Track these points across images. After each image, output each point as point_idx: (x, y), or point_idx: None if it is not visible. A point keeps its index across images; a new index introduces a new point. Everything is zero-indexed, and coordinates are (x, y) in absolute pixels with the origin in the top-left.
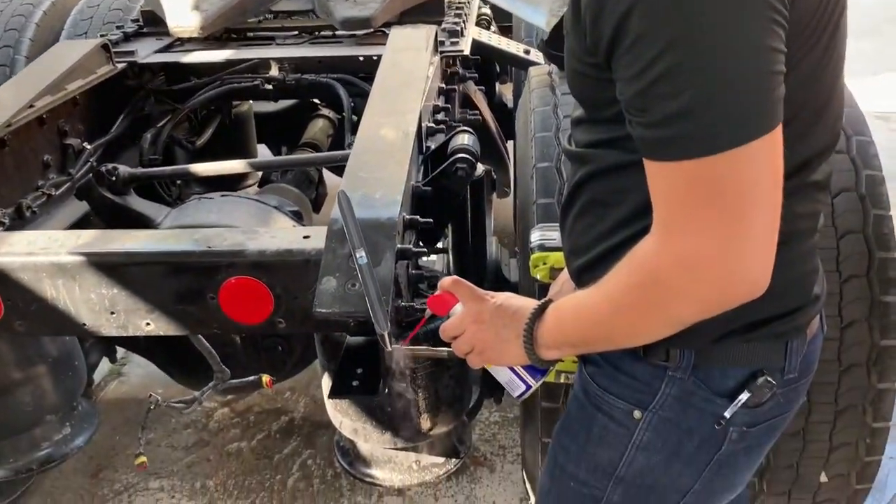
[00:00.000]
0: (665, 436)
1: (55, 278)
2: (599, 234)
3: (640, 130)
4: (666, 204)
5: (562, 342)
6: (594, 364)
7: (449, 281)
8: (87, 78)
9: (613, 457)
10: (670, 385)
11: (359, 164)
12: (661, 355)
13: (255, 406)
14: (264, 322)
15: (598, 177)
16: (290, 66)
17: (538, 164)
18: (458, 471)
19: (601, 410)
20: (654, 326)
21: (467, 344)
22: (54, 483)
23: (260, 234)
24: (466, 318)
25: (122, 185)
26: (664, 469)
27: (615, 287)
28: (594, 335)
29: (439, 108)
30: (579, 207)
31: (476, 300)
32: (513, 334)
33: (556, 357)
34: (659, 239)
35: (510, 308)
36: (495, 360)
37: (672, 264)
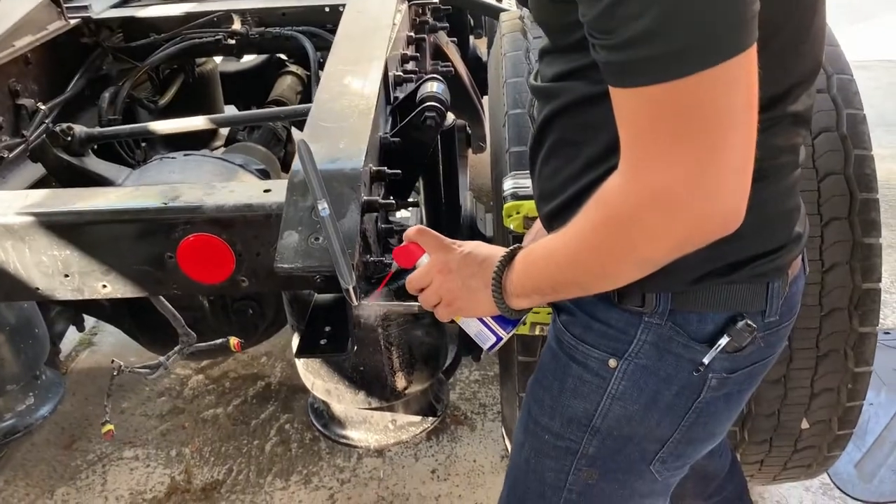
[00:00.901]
0: (642, 384)
1: (3, 240)
2: (569, 176)
3: (604, 55)
4: (632, 135)
5: (531, 289)
6: (567, 313)
7: (413, 230)
8: (37, 34)
9: (589, 408)
10: (646, 332)
11: (321, 114)
12: (636, 300)
13: (231, 372)
14: (226, 281)
15: (565, 113)
16: (253, 20)
17: (510, 111)
18: (438, 430)
19: (575, 360)
20: (625, 268)
21: (434, 295)
22: (26, 455)
23: (218, 189)
24: (433, 269)
25: (79, 145)
26: (641, 419)
27: (582, 227)
28: (563, 280)
29: (408, 57)
30: (547, 148)
31: (442, 249)
32: (481, 283)
33: (526, 306)
34: (626, 173)
35: (478, 256)
36: (464, 311)
37: (640, 199)
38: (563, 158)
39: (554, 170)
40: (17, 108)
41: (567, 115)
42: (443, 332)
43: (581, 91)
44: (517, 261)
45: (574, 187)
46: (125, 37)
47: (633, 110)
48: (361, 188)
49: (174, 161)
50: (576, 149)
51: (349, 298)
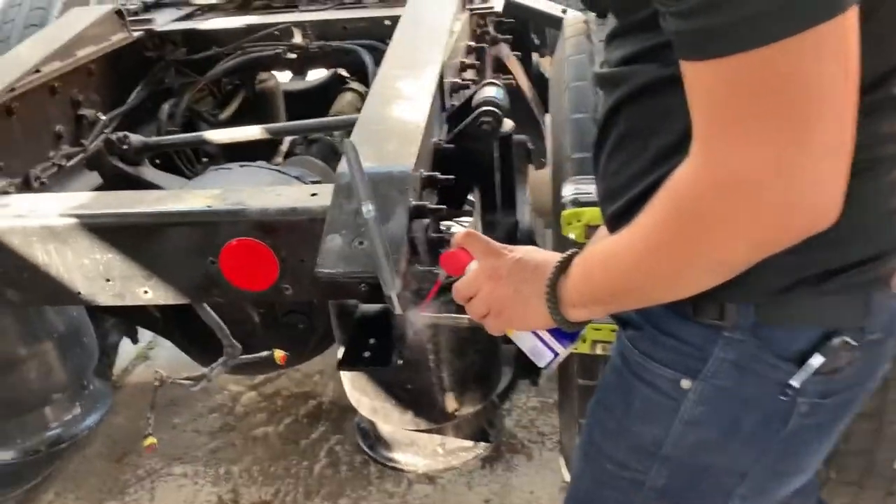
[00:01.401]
0: (719, 409)
1: (46, 243)
2: (637, 171)
3: (675, 23)
4: (706, 115)
5: (590, 298)
6: (633, 326)
7: (461, 234)
8: (99, 45)
9: (658, 434)
10: (726, 349)
11: (371, 117)
12: (714, 313)
13: (283, 390)
14: (269, 289)
15: (634, 100)
16: (313, 33)
17: (572, 116)
18: (492, 458)
19: (643, 380)
20: (697, 272)
21: (483, 304)
22: (77, 467)
23: (263, 193)
24: (481, 275)
25: (135, 154)
26: (719, 447)
27: (647, 225)
28: (626, 287)
29: (466, 65)
30: (613, 142)
31: (491, 254)
32: (534, 291)
33: (584, 318)
34: (698, 159)
35: (531, 262)
36: (515, 322)
37: (714, 189)
38: (631, 152)
39: (620, 165)
40: (78, 118)
41: (636, 103)
42: (497, 352)
43: (652, 74)
44: (574, 266)
45: (642, 183)
46: (188, 50)
47: (708, 86)
48: (410, 192)
49: (229, 172)
50: (645, 140)
51: (392, 306)
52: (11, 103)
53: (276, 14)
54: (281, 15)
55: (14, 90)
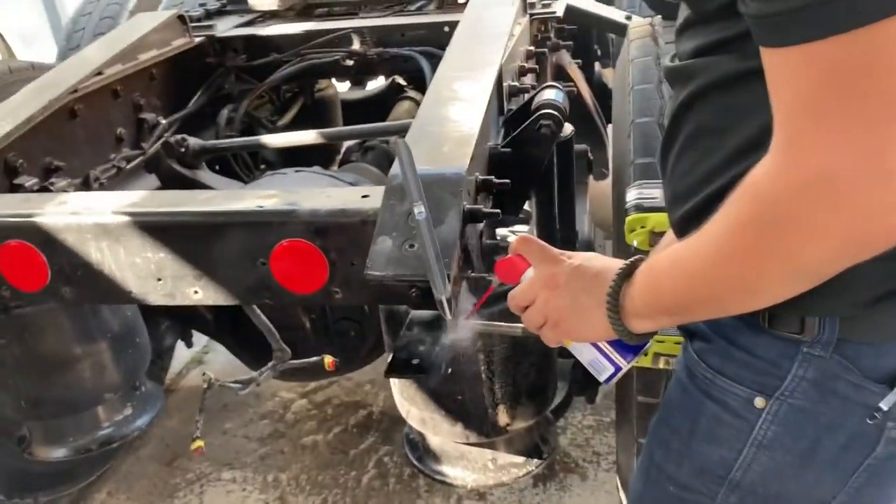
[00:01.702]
0: (797, 431)
1: (99, 240)
2: (710, 171)
3: (756, 6)
4: (789, 106)
5: (656, 308)
6: (702, 339)
7: (517, 239)
8: (161, 49)
9: (727, 456)
10: (805, 365)
11: (426, 118)
12: (793, 325)
13: (334, 398)
14: (319, 291)
15: (708, 95)
16: (372, 40)
17: (637, 120)
18: (545, 476)
19: (711, 397)
20: (776, 280)
21: (539, 314)
22: (130, 468)
23: (314, 194)
24: (537, 283)
25: (192, 157)
26: (796, 474)
27: (722, 229)
28: (696, 296)
29: (526, 69)
30: (683, 140)
31: (548, 261)
32: (594, 301)
33: (649, 329)
34: (779, 157)
35: (591, 269)
36: (574, 334)
37: (797, 189)
38: (703, 150)
39: (691, 164)
40: (139, 121)
41: (709, 98)
42: (552, 366)
43: (728, 67)
44: (639, 274)
45: (715, 184)
46: (247, 56)
47: (792, 74)
48: (463, 195)
49: (285, 176)
50: (719, 138)
51: (442, 311)
52: (75, 105)
53: (336, 21)
54: (340, 21)
55: (76, 91)
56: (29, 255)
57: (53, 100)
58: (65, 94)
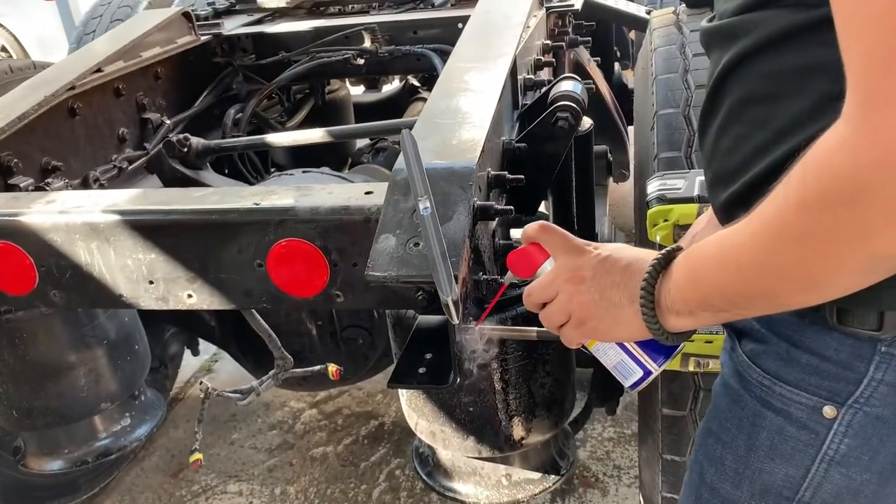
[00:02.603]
0: (876, 444)
1: (88, 241)
2: (761, 145)
3: None
4: (867, 67)
5: (698, 303)
6: (754, 339)
7: (534, 227)
8: (165, 47)
9: (793, 474)
10: (884, 367)
11: (436, 111)
12: (869, 321)
13: (345, 409)
14: (319, 295)
15: (758, 56)
16: (383, 38)
17: (660, 112)
18: (563, 492)
19: (770, 407)
20: (846, 269)
21: (561, 312)
22: (134, 480)
23: (314, 191)
24: (559, 277)
25: (195, 156)
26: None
27: (781, 210)
28: (747, 289)
29: (542, 63)
30: (726, 112)
31: (572, 252)
32: (625, 296)
33: (687, 327)
34: (855, 125)
35: (621, 261)
36: (600, 333)
37: (876, 161)
38: (752, 122)
39: (736, 139)
40: (143, 121)
41: (759, 60)
42: (570, 375)
43: (781, 22)
44: (676, 266)
45: (767, 160)
46: (256, 55)
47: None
48: (473, 190)
49: (291, 177)
50: (771, 106)
51: (449, 315)
52: (74, 103)
53: (346, 18)
54: (351, 18)
55: (74, 88)
56: (15, 257)
57: (49, 96)
58: (62, 91)
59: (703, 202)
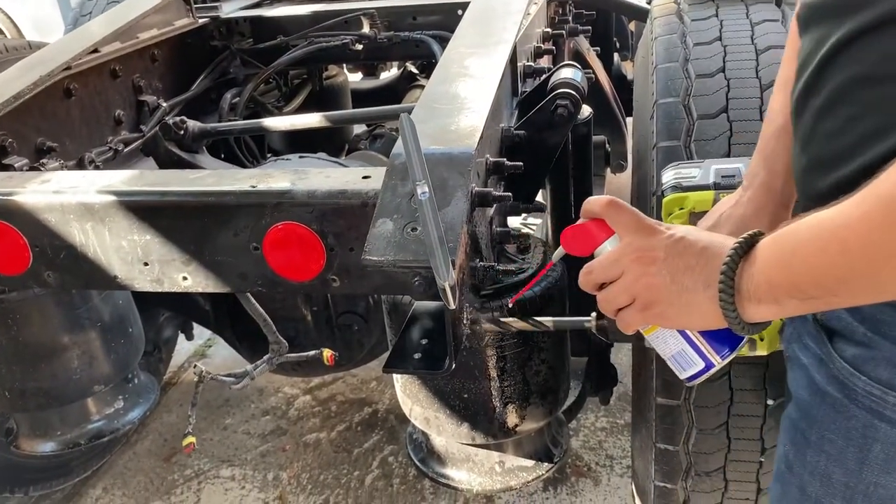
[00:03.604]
0: None
1: (83, 221)
2: (877, 129)
3: None
4: None
5: (787, 288)
6: (857, 342)
7: (601, 202)
8: (163, 29)
9: None
10: None
11: (435, 96)
12: None
13: (338, 395)
14: (315, 279)
15: (878, 33)
16: (382, 24)
17: (660, 101)
18: (556, 480)
19: (884, 419)
20: None
21: (625, 293)
22: (127, 464)
23: (311, 174)
24: (626, 256)
25: (192, 139)
26: None
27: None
28: (851, 272)
29: (542, 51)
30: (834, 91)
31: (643, 231)
32: (701, 280)
33: (768, 316)
34: None
35: (697, 244)
36: (667, 318)
37: None
38: (864, 104)
39: (845, 121)
40: (139, 103)
41: (881, 38)
42: (565, 364)
43: None
44: (761, 249)
45: (884, 144)
46: (254, 39)
47: None
48: (472, 176)
49: (288, 162)
50: (891, 87)
51: (445, 300)
52: (69, 84)
53: (346, 2)
54: (349, 3)
55: (70, 69)
56: (9, 237)
57: (45, 76)
58: (57, 71)
59: (720, 189)
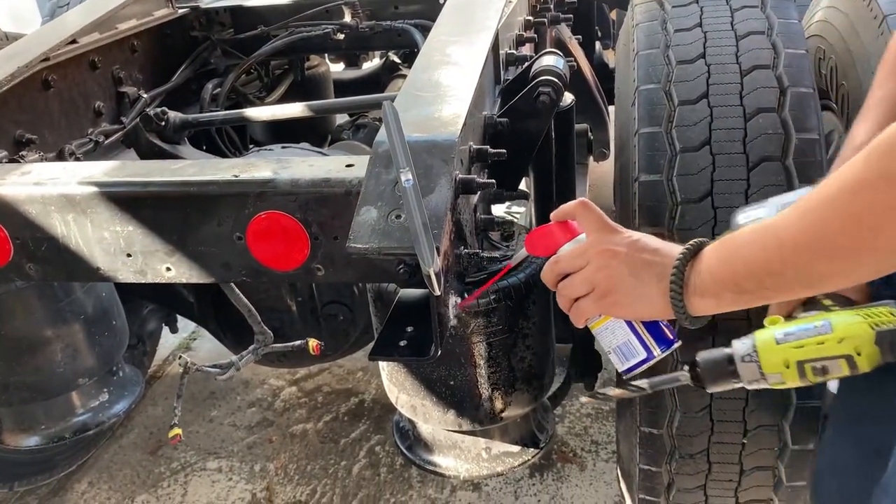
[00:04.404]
0: None
1: (65, 213)
2: None
3: None
4: None
5: (726, 282)
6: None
7: (574, 204)
8: (142, 20)
9: None
10: None
11: (417, 83)
12: None
13: (325, 386)
14: (300, 268)
15: None
16: (364, 13)
17: (641, 87)
18: (542, 467)
19: None
20: (892, 244)
21: (586, 282)
22: (112, 457)
23: (294, 163)
24: (592, 249)
25: (173, 131)
26: None
27: (841, 190)
28: (784, 266)
29: (524, 39)
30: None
31: (607, 230)
32: (654, 274)
33: (707, 310)
34: None
35: (651, 244)
36: (620, 307)
37: None
38: None
39: None
40: (119, 95)
41: None
42: (550, 350)
43: None
44: (708, 251)
45: None
46: (234, 29)
47: None
48: (456, 163)
49: (271, 153)
50: None
51: (430, 287)
52: (48, 75)
53: None
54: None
55: (48, 60)
56: None
57: (23, 67)
58: (35, 63)
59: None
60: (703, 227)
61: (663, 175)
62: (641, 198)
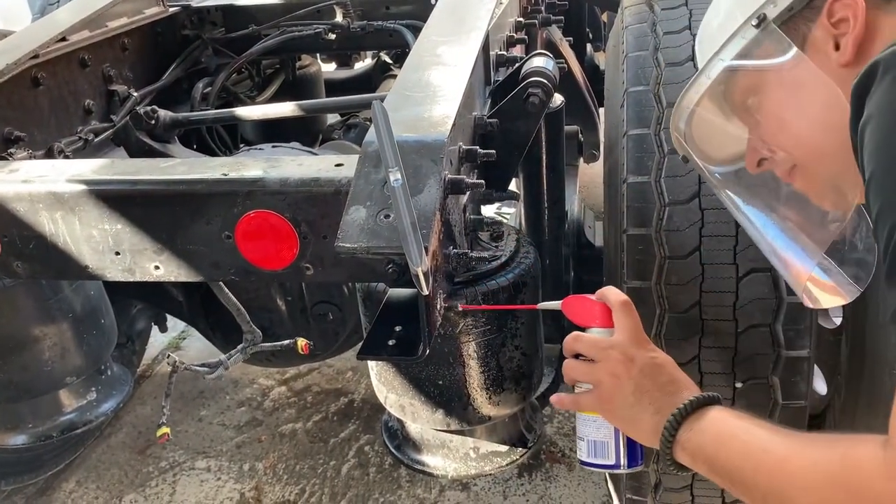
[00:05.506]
0: None
1: (53, 211)
2: None
3: None
4: None
5: (705, 459)
6: None
7: (619, 296)
8: (132, 18)
9: None
10: None
11: (407, 83)
12: None
13: (314, 386)
14: (289, 267)
15: None
16: (355, 13)
17: (630, 89)
18: (531, 466)
19: None
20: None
21: (591, 375)
22: (100, 457)
23: (284, 162)
24: (613, 350)
25: (163, 129)
26: None
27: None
28: (748, 487)
29: (515, 40)
30: None
31: (635, 339)
32: (655, 408)
33: (683, 461)
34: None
35: (668, 374)
36: (612, 417)
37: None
38: None
39: None
40: (109, 93)
41: None
42: (539, 351)
43: None
44: (712, 420)
45: None
46: (226, 28)
47: None
48: (444, 162)
49: (261, 152)
50: None
51: (419, 286)
52: (37, 73)
53: None
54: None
55: (37, 57)
56: None
57: (11, 65)
58: (25, 60)
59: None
60: (691, 229)
61: (651, 177)
62: (629, 199)
